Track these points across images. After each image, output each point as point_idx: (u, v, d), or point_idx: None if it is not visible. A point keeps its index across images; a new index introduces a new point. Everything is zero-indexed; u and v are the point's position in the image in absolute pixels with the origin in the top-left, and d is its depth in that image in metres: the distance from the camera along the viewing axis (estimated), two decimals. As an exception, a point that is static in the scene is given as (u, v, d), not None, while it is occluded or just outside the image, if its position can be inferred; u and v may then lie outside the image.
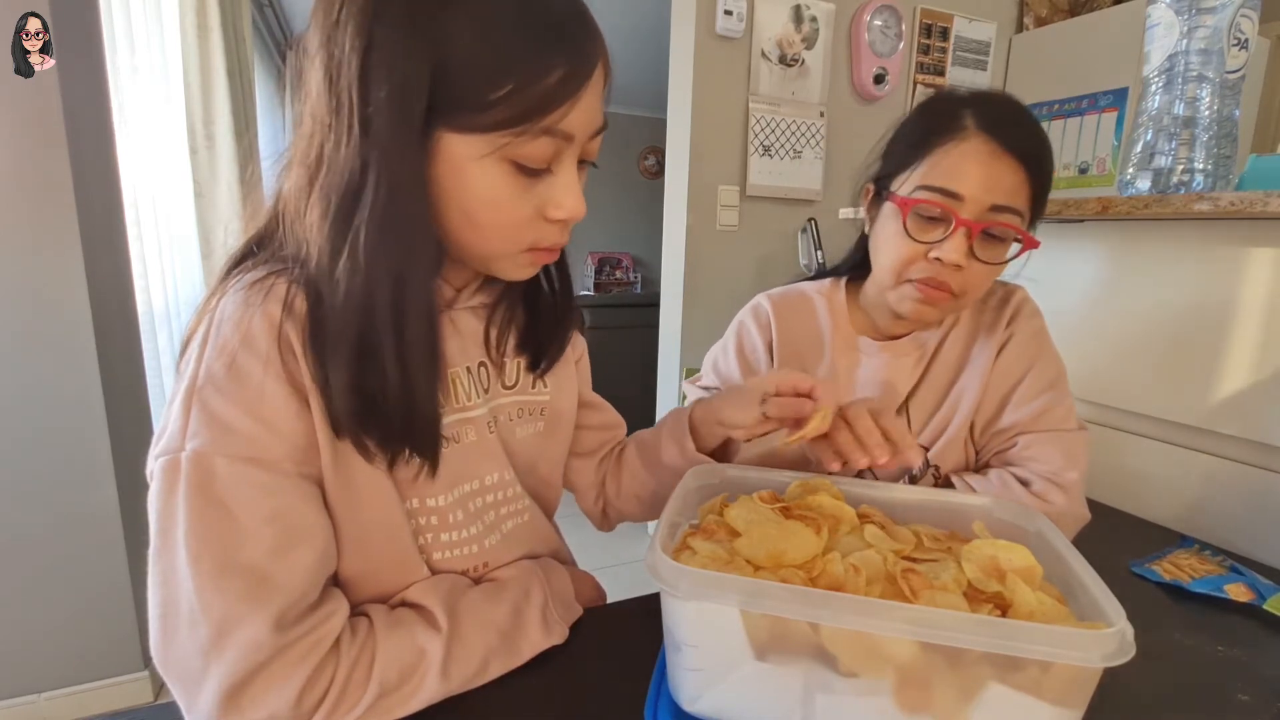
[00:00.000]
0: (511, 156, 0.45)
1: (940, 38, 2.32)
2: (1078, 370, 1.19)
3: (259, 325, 0.44)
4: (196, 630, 0.40)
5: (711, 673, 0.46)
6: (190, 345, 0.45)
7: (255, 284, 0.46)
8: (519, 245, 0.50)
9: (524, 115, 0.43)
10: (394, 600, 0.52)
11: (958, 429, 0.77)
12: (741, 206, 2.12)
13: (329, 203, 0.44)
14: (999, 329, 0.77)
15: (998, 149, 0.66)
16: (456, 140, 0.44)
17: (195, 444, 0.42)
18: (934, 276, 0.69)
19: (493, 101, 0.42)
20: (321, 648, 0.43)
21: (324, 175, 0.44)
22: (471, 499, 0.56)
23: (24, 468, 1.34)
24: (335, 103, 0.43)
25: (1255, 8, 1.02)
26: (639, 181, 4.05)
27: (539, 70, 0.43)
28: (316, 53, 0.44)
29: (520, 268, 0.52)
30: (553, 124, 0.44)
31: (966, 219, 0.66)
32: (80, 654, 1.45)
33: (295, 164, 0.47)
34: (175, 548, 0.41)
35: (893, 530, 0.53)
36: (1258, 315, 0.98)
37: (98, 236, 1.37)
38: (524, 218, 0.48)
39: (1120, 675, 0.38)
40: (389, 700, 0.45)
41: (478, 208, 0.47)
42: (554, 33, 0.44)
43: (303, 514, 0.45)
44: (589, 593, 0.68)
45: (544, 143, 0.45)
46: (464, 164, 0.45)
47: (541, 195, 0.48)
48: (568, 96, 0.44)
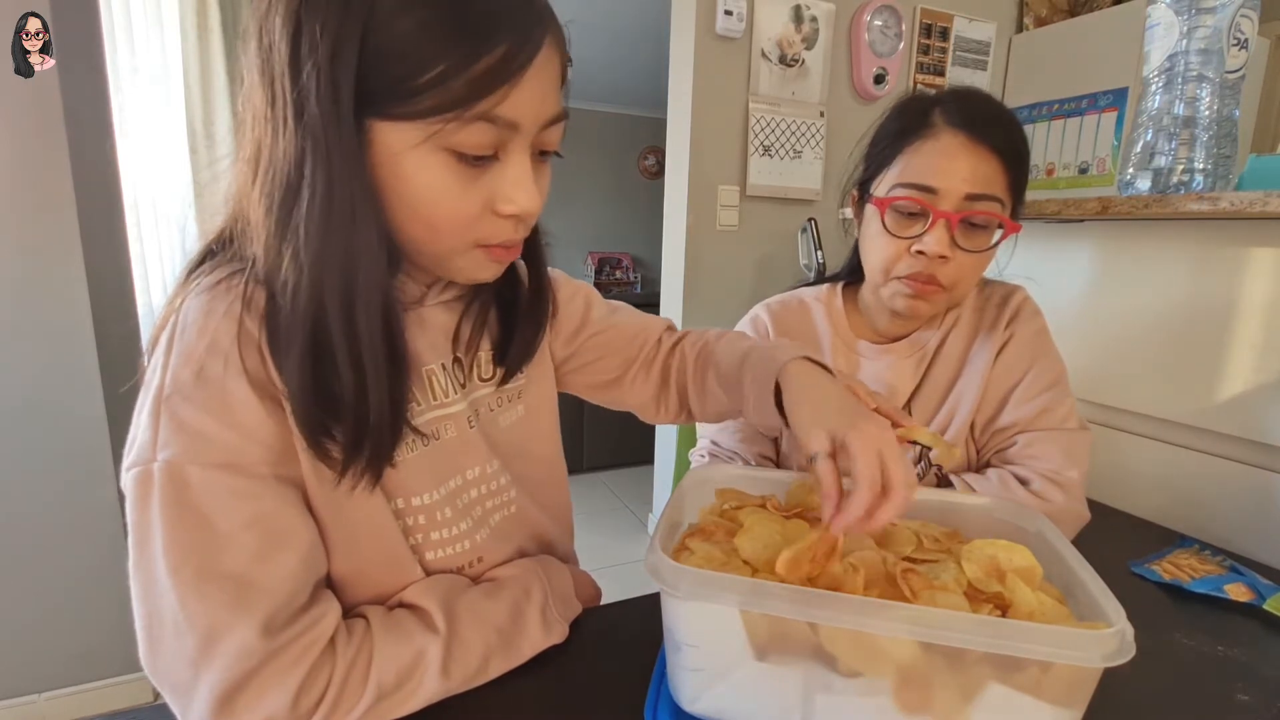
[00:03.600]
0: (448, 145, 0.42)
1: (940, 38, 2.32)
2: (1078, 370, 1.19)
3: (222, 328, 0.43)
4: (183, 640, 0.40)
5: (711, 673, 0.46)
6: (155, 351, 0.44)
7: (216, 285, 0.44)
8: (468, 241, 0.47)
9: (457, 100, 0.40)
10: (391, 601, 0.52)
11: (958, 429, 0.77)
12: (741, 206, 2.12)
13: (271, 199, 0.42)
14: (999, 329, 0.77)
15: (968, 140, 0.68)
16: (389, 129, 0.42)
17: (166, 454, 0.41)
18: (920, 271, 0.70)
19: (422, 85, 0.40)
20: (315, 649, 0.43)
21: (263, 170, 0.43)
22: (458, 495, 0.56)
23: (24, 468, 1.34)
24: (270, 95, 0.42)
25: (1255, 8, 1.02)
26: (639, 181, 4.05)
27: (472, 52, 0.40)
28: (252, 44, 0.42)
29: (477, 268, 0.49)
30: (489, 109, 0.42)
31: (944, 210, 0.68)
32: (80, 654, 1.45)
33: (239, 160, 0.45)
34: (154, 559, 0.40)
35: (892, 530, 0.53)
36: (1258, 315, 0.98)
37: (98, 236, 1.38)
38: (471, 212, 0.45)
39: (1120, 675, 0.38)
40: (389, 701, 0.45)
41: (419, 201, 0.44)
42: (490, 12, 0.41)
43: (283, 517, 0.44)
44: (586, 592, 0.68)
45: (482, 129, 0.42)
46: (399, 154, 0.42)
47: (490, 188, 0.45)
48: (505, 80, 0.41)
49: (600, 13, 2.76)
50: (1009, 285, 0.82)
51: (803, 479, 0.59)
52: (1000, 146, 0.68)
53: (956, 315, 0.80)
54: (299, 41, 0.40)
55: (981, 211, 0.68)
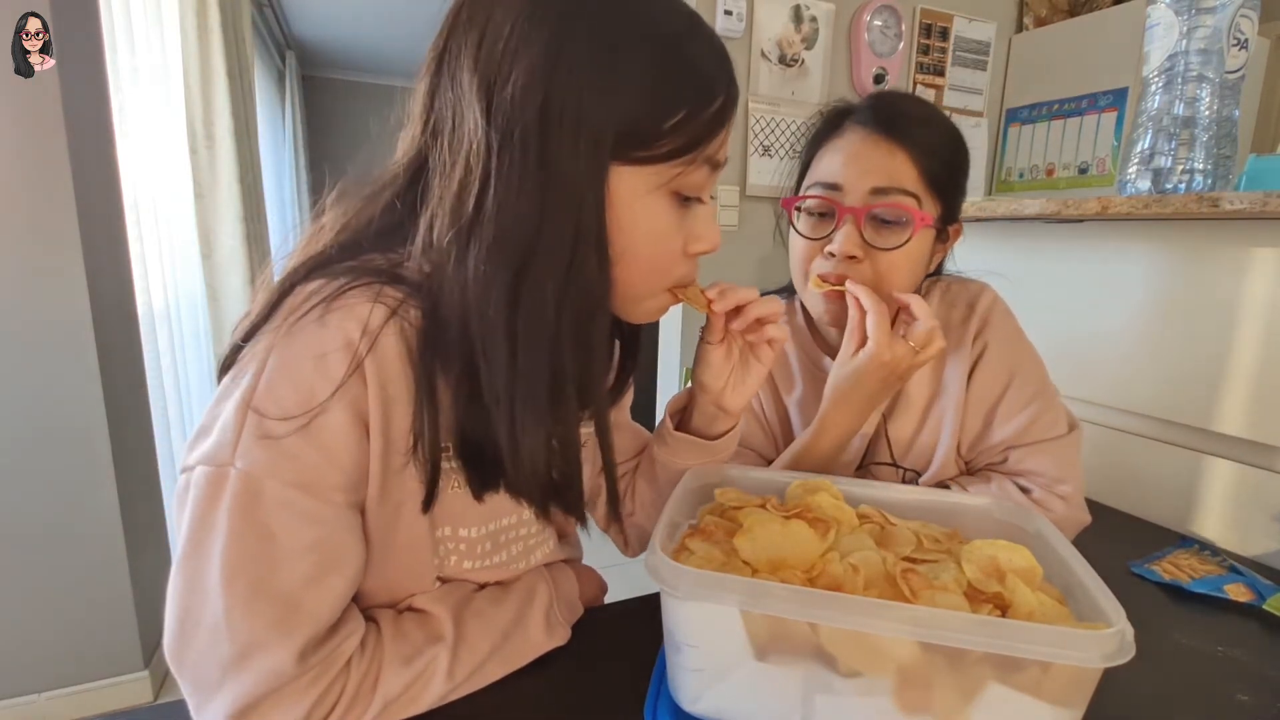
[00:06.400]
0: (677, 188, 0.46)
1: (940, 38, 2.32)
2: (1077, 370, 1.19)
3: (334, 348, 0.41)
4: (218, 646, 0.40)
5: (711, 673, 0.46)
6: (253, 347, 0.43)
7: (334, 302, 0.42)
8: (665, 283, 0.50)
9: (694, 143, 0.44)
10: (401, 605, 0.52)
11: (943, 457, 0.74)
12: (741, 206, 2.12)
13: (499, 252, 0.42)
14: (967, 342, 0.74)
15: (870, 134, 0.68)
16: (630, 174, 0.44)
17: (246, 463, 0.40)
18: (833, 272, 0.69)
19: (667, 130, 0.43)
20: (334, 667, 0.43)
21: (488, 218, 0.42)
22: (504, 532, 0.55)
23: (24, 468, 1.34)
24: (499, 146, 0.42)
25: (1255, 8, 1.02)
26: (639, 181, 4.04)
27: (707, 97, 0.44)
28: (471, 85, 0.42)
29: (659, 309, 0.52)
30: (714, 151, 0.46)
31: (850, 206, 0.67)
32: (80, 654, 1.45)
33: (436, 209, 0.44)
34: (208, 559, 0.40)
35: (892, 531, 0.53)
36: (1258, 315, 0.98)
37: (98, 236, 1.37)
38: (675, 251, 0.49)
39: (1120, 675, 0.38)
40: (394, 706, 0.46)
41: (641, 242, 0.46)
42: (716, 58, 0.45)
43: (342, 543, 0.44)
44: (593, 590, 0.68)
45: (704, 171, 0.46)
46: (635, 198, 0.45)
47: (687, 228, 0.48)
48: (724, 122, 0.46)
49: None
50: (973, 285, 0.78)
51: (802, 480, 0.59)
52: (909, 140, 0.67)
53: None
54: (548, 89, 0.41)
55: (888, 204, 0.66)
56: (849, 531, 0.52)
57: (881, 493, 0.60)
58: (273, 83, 2.97)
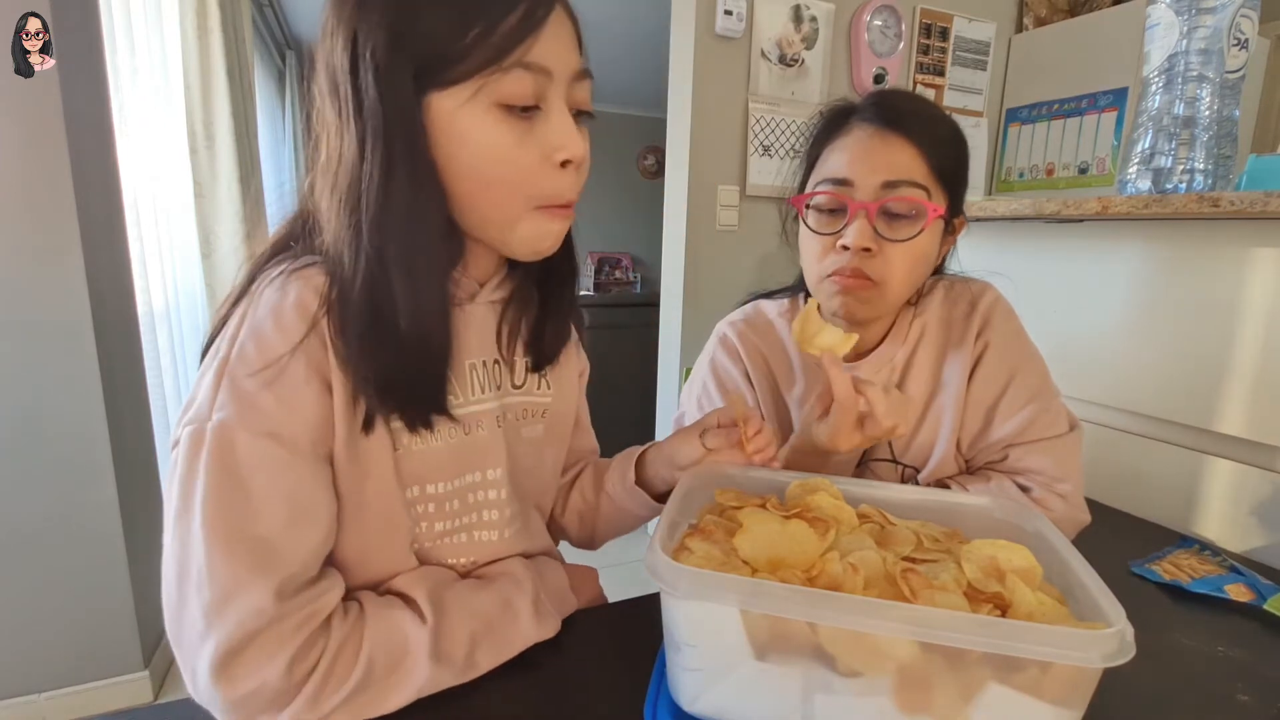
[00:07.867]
0: (495, 99, 0.47)
1: (940, 38, 2.32)
2: (1077, 369, 1.19)
3: (292, 309, 0.47)
4: (202, 594, 0.42)
5: (711, 673, 0.46)
6: (226, 325, 0.48)
7: (294, 272, 0.48)
8: (530, 201, 0.51)
9: (497, 53, 0.46)
10: (381, 589, 0.53)
11: (942, 454, 0.75)
12: (741, 206, 2.12)
13: (340, 190, 0.47)
14: (969, 341, 0.74)
15: (878, 130, 0.69)
16: (443, 97, 0.47)
17: (221, 415, 0.44)
18: (847, 265, 0.69)
19: (466, 47, 0.45)
20: (315, 621, 0.45)
21: (333, 168, 0.48)
22: (471, 491, 0.57)
23: (24, 467, 1.34)
24: (336, 102, 0.48)
25: (1255, 8, 1.02)
26: (638, 181, 4.04)
27: (501, 9, 0.46)
28: (320, 74, 0.49)
29: (539, 234, 0.53)
30: (523, 56, 0.46)
31: (861, 201, 0.68)
32: (80, 654, 1.45)
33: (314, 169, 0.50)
34: (193, 512, 0.43)
35: (892, 530, 0.53)
36: (1258, 315, 0.98)
37: (98, 236, 1.37)
38: (529, 164, 0.49)
39: (1120, 675, 0.38)
40: (381, 684, 0.46)
41: (482, 160, 0.48)
42: None
43: (313, 493, 0.47)
44: (589, 590, 0.68)
45: (521, 77, 0.47)
46: (454, 117, 0.47)
47: (541, 140, 0.49)
48: (532, 29, 0.46)
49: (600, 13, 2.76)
50: (976, 285, 0.78)
51: (802, 480, 0.59)
52: (915, 134, 0.68)
53: (923, 325, 0.77)
54: (354, 47, 0.46)
55: (900, 198, 0.67)
56: (849, 531, 0.52)
57: (881, 492, 0.60)
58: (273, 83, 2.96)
